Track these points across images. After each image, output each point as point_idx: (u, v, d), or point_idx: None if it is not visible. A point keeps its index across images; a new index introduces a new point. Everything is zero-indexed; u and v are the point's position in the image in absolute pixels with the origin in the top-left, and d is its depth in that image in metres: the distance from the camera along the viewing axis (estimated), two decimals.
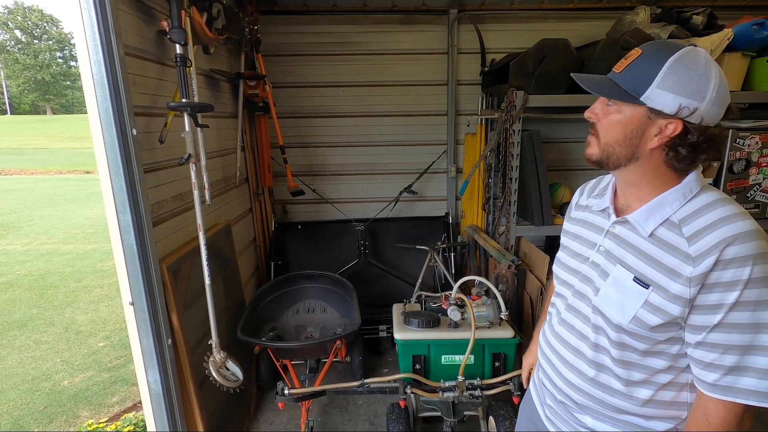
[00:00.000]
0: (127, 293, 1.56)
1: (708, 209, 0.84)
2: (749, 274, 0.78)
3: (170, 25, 1.65)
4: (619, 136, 0.88)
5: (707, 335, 0.82)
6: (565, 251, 1.10)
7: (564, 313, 1.05)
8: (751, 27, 2.43)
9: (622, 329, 0.90)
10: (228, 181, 2.72)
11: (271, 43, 3.17)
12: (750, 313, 0.79)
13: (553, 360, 1.08)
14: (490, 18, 3.21)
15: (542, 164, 2.63)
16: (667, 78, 0.81)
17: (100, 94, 1.40)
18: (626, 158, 0.89)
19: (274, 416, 2.53)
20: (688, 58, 0.81)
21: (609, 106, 0.91)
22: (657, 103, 0.82)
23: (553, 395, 1.10)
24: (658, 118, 0.83)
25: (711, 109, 0.81)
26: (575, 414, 1.05)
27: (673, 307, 0.83)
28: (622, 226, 0.94)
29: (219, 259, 2.33)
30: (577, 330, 1.01)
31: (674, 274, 0.83)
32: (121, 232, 1.50)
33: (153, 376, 1.62)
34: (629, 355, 0.92)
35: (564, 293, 1.06)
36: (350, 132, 3.40)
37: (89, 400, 2.84)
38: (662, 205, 0.88)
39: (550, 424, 1.13)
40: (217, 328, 1.88)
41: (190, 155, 1.71)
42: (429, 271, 3.08)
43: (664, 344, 0.89)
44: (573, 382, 1.02)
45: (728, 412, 0.84)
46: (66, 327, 3.91)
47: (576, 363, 1.01)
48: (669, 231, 0.86)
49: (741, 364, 0.81)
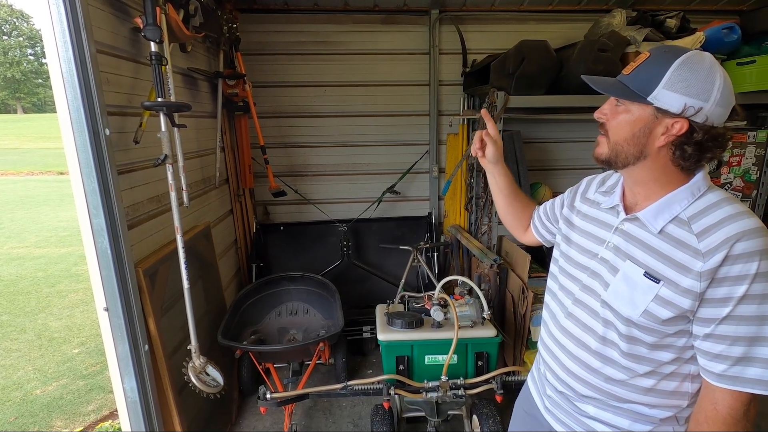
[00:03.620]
0: (101, 299, 1.51)
1: (715, 207, 0.88)
2: (756, 268, 0.82)
3: (144, 22, 1.60)
4: (628, 135, 0.92)
5: (716, 327, 0.86)
6: (573, 246, 1.11)
7: (571, 308, 1.07)
8: (721, 31, 2.51)
9: (632, 323, 0.93)
10: (207, 182, 2.67)
11: (250, 41, 3.12)
12: (756, 305, 0.83)
13: (557, 353, 1.11)
14: (471, 19, 3.23)
15: (523, 164, 2.67)
16: (673, 79, 0.84)
17: (70, 92, 1.35)
18: (634, 157, 0.92)
19: (257, 421, 2.49)
20: (694, 61, 0.85)
21: (618, 106, 0.94)
22: (664, 102, 0.85)
23: (554, 386, 1.12)
24: (665, 117, 0.87)
25: (716, 109, 0.84)
26: (576, 403, 1.07)
27: (684, 301, 0.87)
28: (632, 223, 0.97)
29: (198, 262, 2.28)
30: (584, 323, 1.04)
31: (685, 269, 0.87)
32: (94, 236, 1.45)
33: (129, 384, 1.58)
34: (638, 348, 0.95)
35: (571, 288, 1.08)
36: (332, 132, 3.38)
37: (63, 409, 2.75)
38: (671, 203, 0.91)
39: (549, 415, 1.16)
40: (196, 332, 1.84)
41: (167, 156, 1.67)
42: (412, 271, 3.09)
43: (673, 337, 0.92)
44: (576, 373, 1.05)
45: (735, 401, 0.87)
46: (38, 334, 3.77)
47: (580, 354, 1.04)
48: (678, 228, 0.90)
49: (748, 354, 0.85)
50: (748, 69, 2.51)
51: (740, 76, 2.56)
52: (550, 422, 1.15)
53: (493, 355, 2.11)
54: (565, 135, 3.51)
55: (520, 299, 2.43)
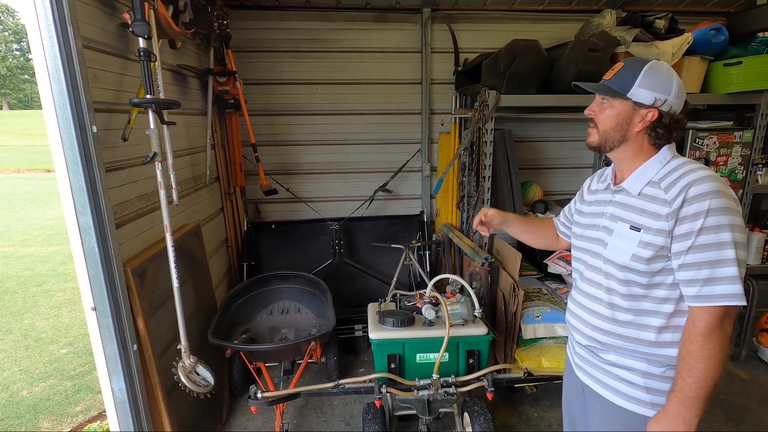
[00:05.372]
0: (88, 298, 1.49)
1: (678, 168, 1.13)
2: (708, 205, 1.05)
3: (132, 17, 1.58)
4: (613, 124, 1.19)
5: (684, 257, 1.08)
6: (584, 228, 1.35)
7: (586, 273, 1.32)
8: (709, 32, 2.54)
9: (627, 267, 1.16)
10: (198, 180, 2.64)
11: (241, 38, 3.09)
12: (713, 235, 1.05)
13: (579, 312, 1.33)
14: (463, 18, 3.23)
15: (514, 163, 2.68)
16: (644, 79, 1.13)
17: (56, 88, 1.33)
18: (618, 141, 1.19)
19: (248, 420, 2.48)
20: (657, 66, 1.14)
21: (603, 103, 1.20)
22: (639, 97, 1.13)
23: (580, 342, 1.34)
24: (640, 108, 1.15)
25: (675, 100, 1.13)
26: (600, 354, 1.28)
27: (658, 239, 1.11)
28: (620, 193, 1.23)
29: (188, 261, 2.26)
30: (595, 282, 1.27)
31: (657, 215, 1.12)
32: (81, 235, 1.43)
33: (118, 384, 1.56)
34: (634, 289, 1.17)
35: (584, 258, 1.33)
36: (324, 130, 3.37)
37: (50, 410, 2.71)
38: (645, 171, 1.18)
39: (579, 371, 1.37)
40: (186, 332, 1.83)
41: (156, 153, 1.65)
42: (404, 270, 3.09)
43: (660, 275, 1.14)
44: (595, 324, 1.26)
45: (710, 316, 1.07)
46: (25, 334, 3.71)
47: (595, 308, 1.27)
48: (652, 188, 1.15)
49: (713, 276, 1.06)
50: (735, 70, 2.54)
51: (727, 77, 2.59)
52: (580, 377, 1.36)
53: (484, 352, 2.12)
54: (556, 134, 3.53)
55: (511, 297, 2.44)
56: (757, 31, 2.60)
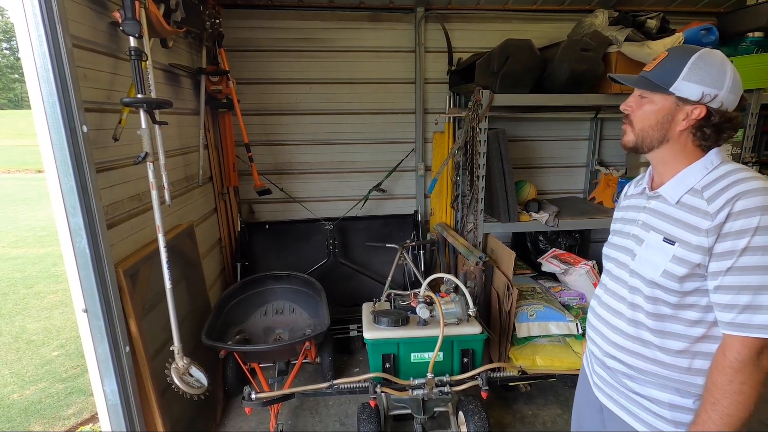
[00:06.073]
0: (79, 300, 1.47)
1: (726, 176, 0.99)
2: (757, 222, 0.91)
3: (123, 16, 1.56)
4: (653, 122, 1.05)
5: (723, 278, 0.95)
6: (613, 234, 1.25)
7: (609, 284, 1.20)
8: (699, 32, 2.56)
9: (655, 284, 1.04)
10: (190, 180, 2.63)
11: (234, 37, 3.07)
12: (759, 256, 0.91)
13: (600, 327, 1.21)
14: (457, 17, 3.23)
15: (508, 162, 2.68)
16: (691, 72, 0.99)
17: (45, 88, 1.31)
18: (658, 141, 1.06)
19: (242, 421, 2.47)
20: (708, 56, 1.00)
21: (642, 98, 1.07)
22: (683, 92, 1.00)
23: (602, 362, 1.21)
24: (685, 105, 1.01)
25: (728, 96, 0.99)
26: (623, 379, 1.15)
27: (694, 256, 0.97)
28: (656, 200, 1.10)
29: (181, 262, 2.25)
30: (618, 295, 1.15)
31: (696, 229, 0.98)
32: (71, 236, 1.42)
33: (110, 386, 1.55)
34: (661, 308, 1.04)
35: (609, 267, 1.22)
36: (318, 130, 3.36)
37: (42, 414, 2.68)
38: (686, 177, 1.04)
39: (599, 392, 1.25)
40: (179, 333, 1.81)
41: (147, 154, 1.63)
42: (399, 270, 3.09)
43: (693, 296, 1.01)
44: (616, 342, 1.14)
45: (743, 347, 0.94)
46: (16, 336, 3.67)
47: (617, 324, 1.14)
48: (693, 197, 1.01)
49: (754, 302, 0.92)
50: None
51: None
52: (599, 398, 1.24)
53: (479, 351, 2.12)
54: (549, 133, 3.55)
55: (505, 296, 2.45)
56: (747, 31, 2.63)
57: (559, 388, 2.70)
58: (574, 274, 2.78)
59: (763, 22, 2.55)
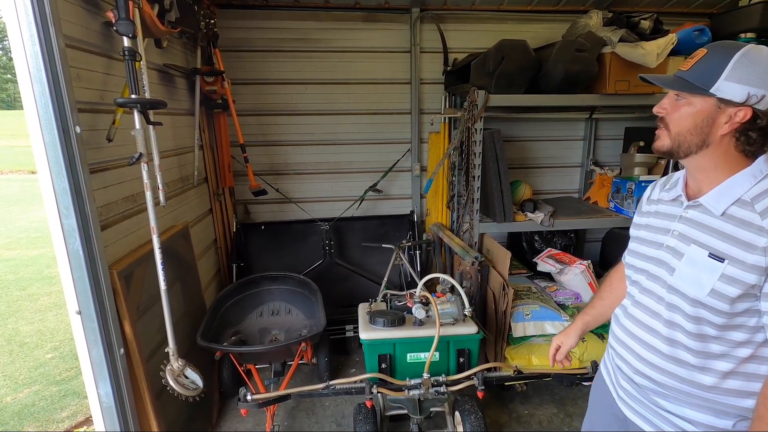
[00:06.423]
0: (73, 302, 1.46)
1: None
2: None
3: (116, 16, 1.55)
4: (690, 126, 0.96)
5: None
6: (637, 241, 1.16)
7: (638, 296, 1.11)
8: (692, 33, 2.58)
9: (700, 303, 0.95)
10: (185, 181, 2.61)
11: (229, 38, 3.06)
12: None
13: (628, 342, 1.13)
14: (452, 18, 3.24)
15: (503, 162, 2.69)
16: (734, 70, 0.89)
17: (37, 88, 1.30)
18: (697, 146, 0.97)
19: (238, 423, 2.46)
20: (753, 53, 0.90)
21: (678, 100, 0.99)
22: (726, 93, 0.91)
23: (629, 377, 1.14)
24: (728, 107, 0.92)
25: None
26: (653, 396, 1.08)
27: (749, 277, 0.89)
28: (695, 209, 1.01)
29: (176, 263, 2.24)
30: (651, 310, 1.07)
31: (750, 246, 0.89)
32: (65, 237, 1.41)
33: (104, 389, 1.54)
34: (705, 329, 0.96)
35: (638, 279, 1.13)
36: (314, 130, 3.35)
37: (36, 416, 2.66)
38: (733, 186, 0.95)
39: (624, 406, 1.18)
40: (174, 334, 1.80)
41: (141, 154, 1.63)
42: (395, 270, 3.09)
43: (743, 317, 0.93)
44: (648, 359, 1.06)
45: None
46: (9, 339, 3.63)
47: (650, 341, 1.06)
48: (741, 209, 0.93)
49: None
50: None
51: None
52: (624, 412, 1.18)
53: (475, 351, 2.13)
54: (544, 134, 3.56)
55: (501, 296, 2.46)
56: (740, 32, 2.66)
57: (555, 387, 2.71)
58: (570, 273, 2.79)
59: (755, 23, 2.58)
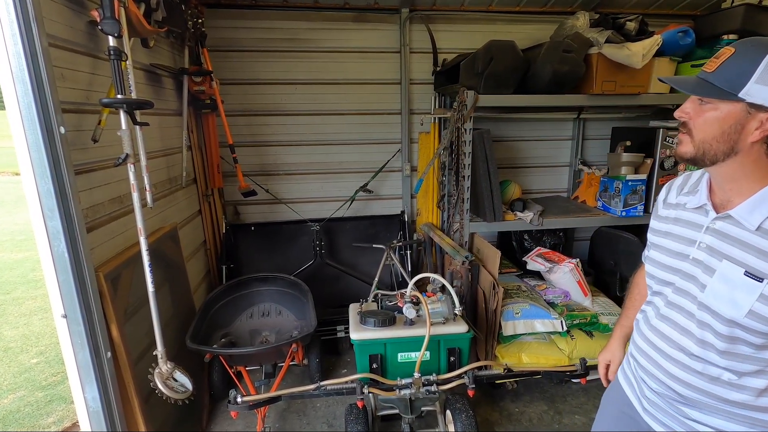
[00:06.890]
0: (58, 305, 1.44)
1: None
2: None
3: (101, 15, 1.53)
4: (717, 133, 0.89)
5: None
6: (659, 250, 1.09)
7: (663, 309, 1.05)
8: (677, 34, 2.62)
9: (736, 323, 0.89)
10: (174, 182, 2.59)
11: (217, 37, 3.04)
12: None
13: (652, 354, 1.07)
14: (441, 18, 3.25)
15: (493, 162, 2.71)
16: (766, 72, 0.81)
17: (20, 88, 1.28)
18: (724, 153, 0.89)
19: (229, 425, 2.44)
20: None
21: (703, 104, 0.91)
22: (757, 97, 0.83)
23: (654, 388, 1.09)
24: (759, 112, 0.84)
25: None
26: (681, 407, 1.03)
27: None
28: (724, 221, 0.93)
29: (164, 265, 2.21)
30: (680, 326, 1.00)
31: None
32: (49, 240, 1.38)
33: (91, 393, 1.51)
34: (740, 348, 0.91)
35: (663, 291, 1.06)
36: (303, 130, 3.34)
37: (21, 423, 2.61)
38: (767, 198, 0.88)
39: (650, 418, 1.12)
40: (163, 337, 1.78)
41: (128, 155, 1.61)
42: (386, 270, 3.09)
43: None
44: (678, 376, 1.01)
45: None
46: None
47: (680, 358, 1.00)
48: None
49: None
50: None
51: None
52: (649, 423, 1.13)
53: (465, 350, 2.14)
54: (533, 133, 3.59)
55: (491, 295, 2.47)
56: (722, 33, 2.70)
57: (545, 384, 2.74)
58: (559, 272, 2.82)
59: (737, 24, 2.62)
